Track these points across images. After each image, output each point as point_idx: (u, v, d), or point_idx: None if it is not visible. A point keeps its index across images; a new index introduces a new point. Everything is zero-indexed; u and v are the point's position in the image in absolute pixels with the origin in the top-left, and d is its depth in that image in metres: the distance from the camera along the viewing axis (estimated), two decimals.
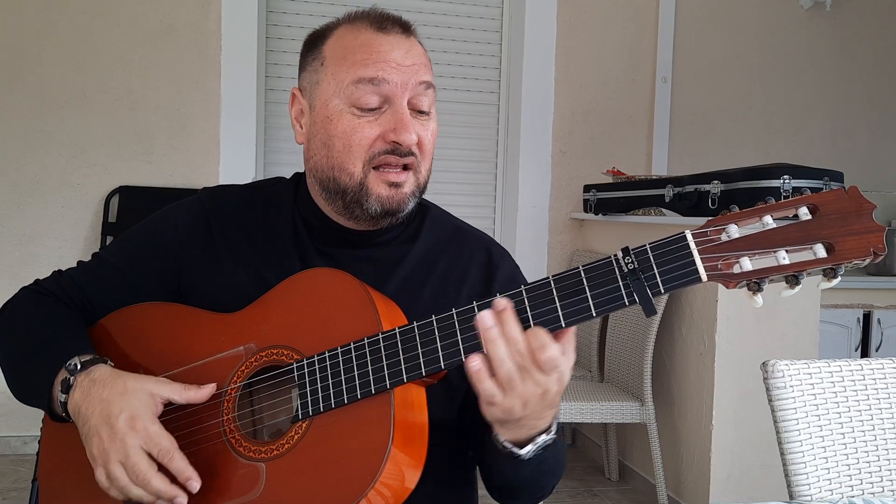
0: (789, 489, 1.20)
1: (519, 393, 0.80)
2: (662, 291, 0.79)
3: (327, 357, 0.90)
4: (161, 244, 1.08)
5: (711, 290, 2.51)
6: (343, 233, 1.05)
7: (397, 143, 0.97)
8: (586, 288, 0.81)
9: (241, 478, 0.90)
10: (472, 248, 1.10)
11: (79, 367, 0.93)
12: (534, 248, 3.59)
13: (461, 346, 0.84)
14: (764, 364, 1.24)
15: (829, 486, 1.21)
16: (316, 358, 0.90)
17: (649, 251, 0.79)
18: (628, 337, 2.88)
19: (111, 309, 1.06)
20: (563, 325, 0.81)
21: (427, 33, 3.36)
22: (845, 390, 1.24)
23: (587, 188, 3.46)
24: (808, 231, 0.76)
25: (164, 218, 1.11)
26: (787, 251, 0.77)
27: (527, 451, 0.88)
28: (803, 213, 0.77)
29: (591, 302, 0.80)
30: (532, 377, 0.80)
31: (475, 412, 1.04)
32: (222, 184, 1.16)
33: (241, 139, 3.32)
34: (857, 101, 3.99)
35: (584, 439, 3.50)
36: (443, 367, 0.85)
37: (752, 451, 2.51)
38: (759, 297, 0.78)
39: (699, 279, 0.78)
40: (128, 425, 0.88)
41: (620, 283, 0.80)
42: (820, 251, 0.76)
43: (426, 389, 0.91)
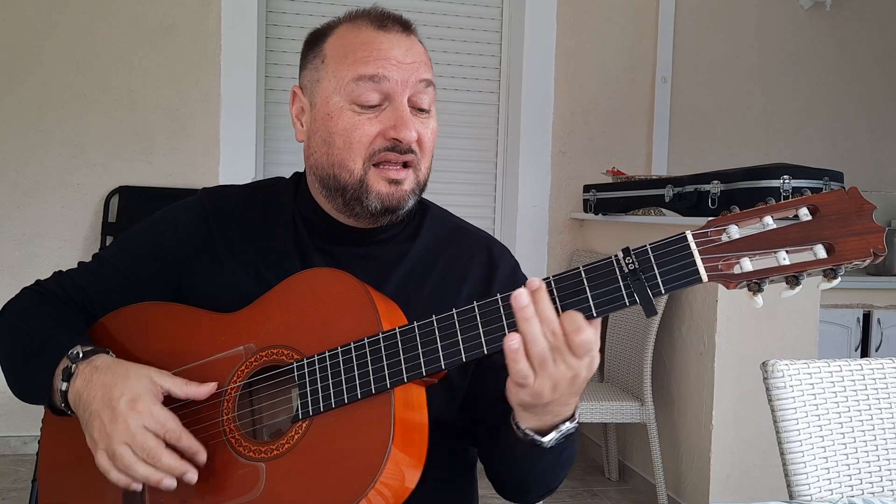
0: (789, 489, 1.20)
1: (550, 374, 0.80)
2: (663, 292, 0.79)
3: (327, 357, 0.90)
4: (161, 244, 1.08)
5: (711, 291, 2.51)
6: (343, 230, 1.06)
7: (397, 140, 0.97)
8: (587, 288, 0.81)
9: (241, 478, 0.90)
10: (473, 246, 1.10)
11: (80, 355, 0.94)
12: (534, 248, 3.59)
13: (461, 346, 0.84)
14: (764, 364, 1.24)
15: (829, 485, 1.21)
16: (316, 358, 0.90)
17: (650, 251, 0.79)
18: (628, 337, 2.88)
19: (111, 309, 1.06)
20: None
21: (427, 33, 3.36)
22: (845, 390, 1.24)
23: (587, 188, 3.46)
24: (809, 232, 0.77)
25: (164, 218, 1.11)
26: (787, 252, 0.77)
27: (549, 438, 0.88)
28: (803, 213, 0.78)
29: (591, 302, 0.81)
30: (564, 360, 0.80)
31: (476, 411, 1.05)
32: (222, 184, 1.17)
33: (241, 139, 3.32)
34: (857, 101, 3.99)
35: (584, 439, 3.50)
36: (443, 366, 0.85)
37: (752, 451, 2.51)
38: (759, 298, 0.78)
39: (700, 280, 0.78)
40: (129, 407, 0.88)
41: (621, 283, 0.80)
42: (820, 252, 0.76)
43: (426, 389, 0.91)
